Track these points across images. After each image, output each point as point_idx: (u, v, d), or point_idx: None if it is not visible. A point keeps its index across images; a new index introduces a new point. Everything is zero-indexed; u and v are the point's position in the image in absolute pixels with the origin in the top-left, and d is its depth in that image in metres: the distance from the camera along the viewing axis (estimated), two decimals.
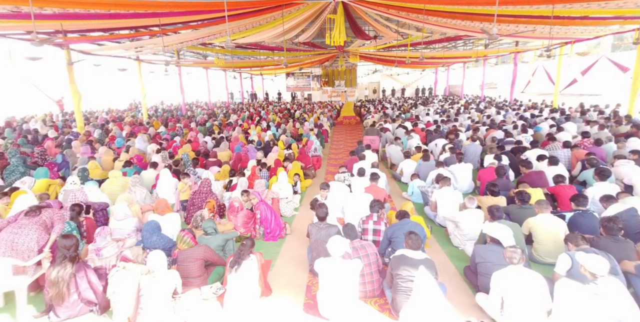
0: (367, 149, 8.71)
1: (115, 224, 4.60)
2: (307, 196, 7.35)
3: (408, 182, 7.68)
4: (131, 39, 12.89)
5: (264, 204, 5.20)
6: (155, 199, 6.56)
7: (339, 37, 11.22)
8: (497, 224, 3.68)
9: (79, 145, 9.41)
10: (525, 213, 4.51)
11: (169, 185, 6.68)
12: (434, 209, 5.57)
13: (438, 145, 9.69)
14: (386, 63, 24.98)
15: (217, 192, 6.51)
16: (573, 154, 7.28)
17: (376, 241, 4.42)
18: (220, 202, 6.22)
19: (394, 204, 6.59)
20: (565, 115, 12.62)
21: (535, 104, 18.93)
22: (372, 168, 6.96)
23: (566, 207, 4.90)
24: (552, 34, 11.09)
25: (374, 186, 5.76)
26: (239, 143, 10.16)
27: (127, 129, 13.20)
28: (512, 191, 5.45)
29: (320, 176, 8.93)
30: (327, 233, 4.08)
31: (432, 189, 5.80)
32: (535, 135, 9.60)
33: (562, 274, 3.30)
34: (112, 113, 20.80)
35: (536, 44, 19.20)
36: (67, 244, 3.33)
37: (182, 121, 15.73)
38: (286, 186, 6.48)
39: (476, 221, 4.55)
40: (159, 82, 26.57)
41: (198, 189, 5.78)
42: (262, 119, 16.67)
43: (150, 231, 3.92)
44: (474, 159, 8.25)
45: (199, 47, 17.36)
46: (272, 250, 4.90)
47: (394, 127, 12.92)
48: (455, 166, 6.91)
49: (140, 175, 7.25)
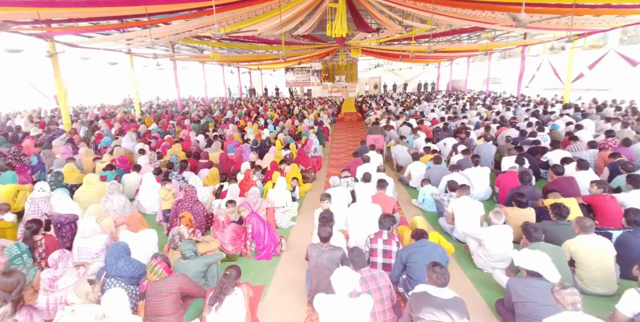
0: (372, 150, 8.01)
1: (81, 243, 3.93)
2: (306, 202, 6.67)
3: (417, 187, 7.00)
4: (121, 30, 12.15)
5: (256, 217, 4.52)
6: (136, 208, 5.89)
7: (341, 28, 10.49)
8: (531, 253, 2.93)
9: (60, 144, 8.70)
10: (563, 232, 3.82)
11: (152, 192, 6.01)
12: (450, 221, 4.88)
13: (447, 145, 9.00)
14: (390, 57, 24.12)
15: (206, 200, 5.82)
16: (600, 155, 6.58)
17: (386, 264, 3.74)
18: (209, 212, 5.54)
19: (404, 213, 5.89)
20: (581, 112, 11.88)
21: (544, 100, 18.22)
22: (379, 172, 6.27)
23: (608, 221, 4.22)
24: (569, 25, 10.37)
25: (382, 195, 5.07)
26: (233, 142, 9.46)
27: (117, 127, 12.48)
28: (541, 201, 4.76)
29: (320, 178, 8.24)
30: (329, 257, 3.40)
31: (448, 197, 5.11)
32: (552, 134, 8.89)
33: (627, 316, 2.63)
34: (105, 109, 20.00)
35: (544, 36, 18.50)
36: (7, 283, 2.63)
37: (176, 118, 15.00)
38: (284, 192, 5.79)
39: (504, 240, 3.87)
40: (155, 76, 25.78)
41: (183, 197, 5.08)
42: (259, 116, 15.93)
43: (116, 255, 3.23)
44: (487, 161, 7.56)
45: (194, 40, 16.59)
46: (265, 271, 4.22)
47: (398, 124, 12.21)
48: (471, 169, 6.20)
49: (121, 180, 6.60)
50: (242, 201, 5.31)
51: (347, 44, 19.83)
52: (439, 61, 27.95)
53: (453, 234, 4.83)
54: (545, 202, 4.64)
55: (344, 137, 13.70)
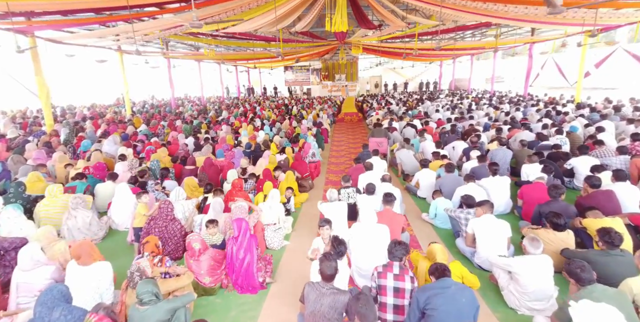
0: (375, 155, 7.26)
1: (20, 277, 3.19)
2: (302, 215, 5.92)
3: (427, 197, 6.27)
4: (107, 24, 11.40)
5: (241, 238, 3.77)
6: (107, 224, 5.15)
7: (341, 22, 9.73)
8: (596, 308, 2.20)
9: (33, 148, 7.95)
10: (616, 263, 3.09)
11: (126, 205, 5.26)
12: (470, 243, 4.15)
13: (457, 149, 8.27)
14: (392, 56, 23.31)
15: (187, 216, 5.08)
16: (633, 162, 5.85)
17: (398, 306, 3.01)
18: (189, 230, 4.80)
19: (414, 231, 5.14)
20: (598, 112, 11.13)
21: (553, 99, 17.47)
22: (384, 183, 5.52)
23: None
24: (585, 19, 9.64)
25: (389, 212, 4.33)
26: (224, 146, 8.72)
27: (103, 128, 11.73)
28: (579, 221, 4.02)
29: (318, 186, 7.49)
30: (331, 304, 2.67)
31: (466, 215, 4.37)
32: (571, 138, 8.13)
33: None
34: (95, 109, 19.21)
35: (551, 33, 17.80)
36: None
37: (168, 119, 14.23)
38: (276, 206, 5.04)
39: (544, 274, 3.14)
40: (151, 75, 25.02)
41: (157, 214, 4.34)
42: (255, 116, 15.17)
43: (49, 305, 2.49)
44: (502, 168, 6.81)
45: (187, 37, 15.82)
46: (248, 310, 3.47)
47: (401, 125, 11.46)
48: (489, 179, 5.46)
49: (94, 190, 5.86)
50: (226, 217, 4.58)
51: (347, 42, 19.06)
52: (442, 59, 27.17)
53: (474, 259, 4.09)
54: (584, 223, 3.91)
55: (345, 139, 12.96)
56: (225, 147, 8.69)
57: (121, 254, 4.60)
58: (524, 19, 10.01)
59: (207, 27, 12.10)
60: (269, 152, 8.13)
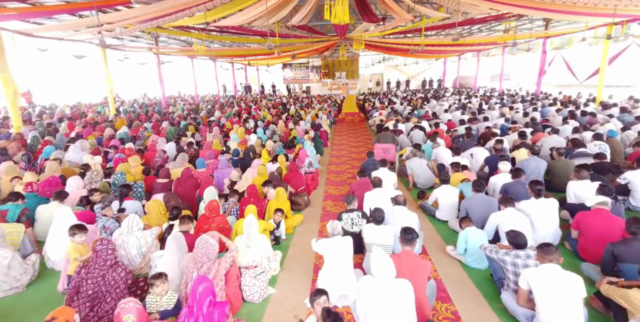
0: (382, 166, 6.08)
1: None
2: (294, 244, 4.74)
3: (449, 220, 5.11)
4: (77, 15, 10.23)
5: (197, 312, 2.61)
6: (34, 267, 3.98)
7: (343, 13, 8.54)
8: None
9: None
10: None
11: (67, 237, 4.09)
12: (524, 303, 2.99)
13: (476, 157, 7.12)
14: (396, 52, 22.02)
15: (145, 252, 3.92)
16: None
17: None
18: (144, 274, 3.64)
19: (438, 272, 3.94)
20: (629, 113, 9.95)
21: (569, 97, 16.26)
22: (398, 205, 4.34)
23: None
24: (617, 9, 8.48)
25: (410, 255, 3.14)
26: (207, 154, 7.55)
27: (77, 130, 10.55)
28: None
29: (316, 202, 6.30)
30: None
31: (514, 259, 3.20)
32: (610, 144, 6.93)
33: None
34: (81, 108, 17.96)
35: (566, 27, 16.68)
36: None
37: (154, 119, 13.03)
38: (257, 242, 3.84)
39: None
40: (143, 73, 23.81)
41: (91, 260, 3.18)
42: (250, 117, 13.97)
43: None
44: None
45: (175, 32, 14.63)
46: None
47: (408, 127, 10.26)
48: (531, 203, 4.28)
49: (35, 214, 4.70)
50: (189, 258, 3.40)
51: (348, 37, 17.84)
52: (447, 56, 25.96)
53: None
54: None
55: (346, 142, 11.78)
56: (210, 155, 7.53)
57: (50, 309, 3.43)
58: (549, 9, 8.82)
59: (195, 19, 10.95)
60: (258, 161, 6.97)
